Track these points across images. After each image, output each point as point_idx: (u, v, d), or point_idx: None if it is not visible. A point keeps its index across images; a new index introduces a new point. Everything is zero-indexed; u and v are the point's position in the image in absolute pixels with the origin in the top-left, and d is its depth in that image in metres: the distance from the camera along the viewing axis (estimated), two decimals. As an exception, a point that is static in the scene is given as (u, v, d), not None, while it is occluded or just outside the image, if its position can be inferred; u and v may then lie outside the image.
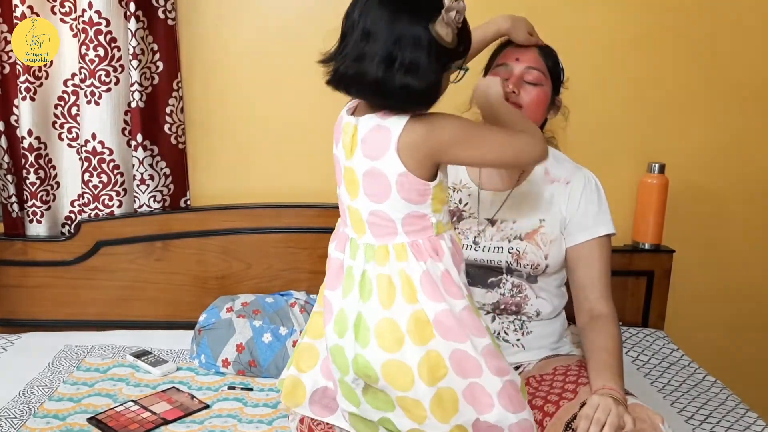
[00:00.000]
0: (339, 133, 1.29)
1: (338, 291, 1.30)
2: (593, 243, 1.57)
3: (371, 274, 1.24)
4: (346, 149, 1.25)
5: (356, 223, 1.27)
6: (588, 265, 1.56)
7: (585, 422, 1.28)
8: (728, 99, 2.29)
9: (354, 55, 1.16)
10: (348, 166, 1.25)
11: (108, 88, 2.08)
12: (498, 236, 1.60)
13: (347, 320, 1.27)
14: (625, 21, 2.22)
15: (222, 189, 2.27)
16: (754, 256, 2.39)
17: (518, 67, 1.58)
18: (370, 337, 1.23)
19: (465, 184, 1.68)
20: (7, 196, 2.15)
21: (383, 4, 1.15)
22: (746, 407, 1.78)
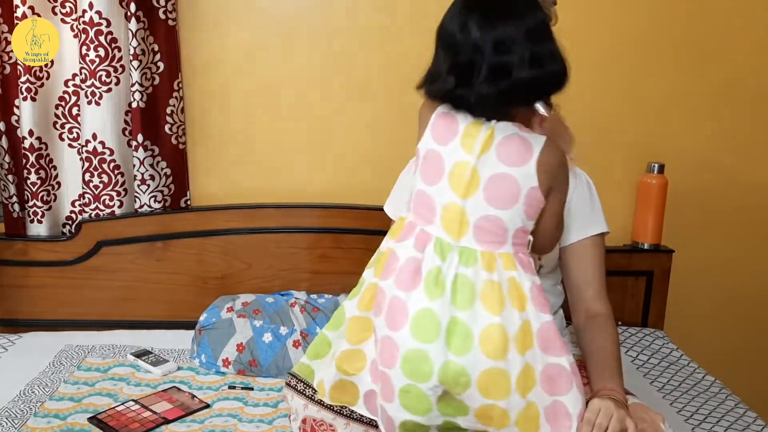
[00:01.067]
0: (448, 128, 1.22)
1: (416, 292, 1.20)
2: (587, 242, 1.57)
3: (474, 279, 1.18)
4: (469, 147, 1.20)
5: (453, 223, 1.21)
6: (583, 264, 1.56)
7: (587, 427, 1.27)
8: (728, 99, 2.29)
9: (496, 70, 1.17)
10: (468, 162, 1.19)
11: (109, 89, 2.08)
12: None
13: (437, 324, 1.18)
14: (625, 21, 2.23)
15: (222, 189, 2.27)
16: (753, 255, 2.39)
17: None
18: (472, 344, 1.17)
19: None
20: (8, 196, 2.16)
21: (490, 11, 1.19)
22: (745, 407, 1.78)
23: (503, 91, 1.17)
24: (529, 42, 1.17)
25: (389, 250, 1.27)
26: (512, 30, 1.16)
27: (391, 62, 2.23)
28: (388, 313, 1.22)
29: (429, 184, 1.23)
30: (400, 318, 1.20)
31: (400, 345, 1.20)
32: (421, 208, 1.25)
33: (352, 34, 2.22)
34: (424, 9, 2.20)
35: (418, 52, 2.21)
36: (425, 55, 2.19)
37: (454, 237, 1.20)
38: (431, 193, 1.23)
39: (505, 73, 1.16)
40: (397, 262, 1.23)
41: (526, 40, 1.16)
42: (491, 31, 1.16)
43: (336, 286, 2.18)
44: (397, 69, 2.22)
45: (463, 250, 1.20)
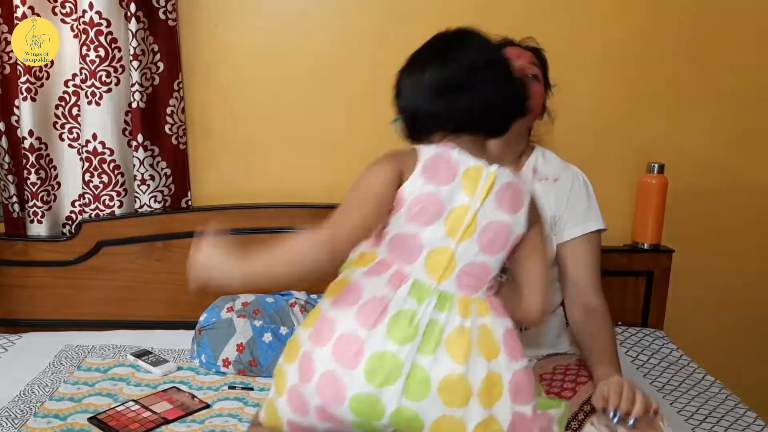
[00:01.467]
0: (445, 169, 1.18)
1: (377, 332, 1.12)
2: (584, 239, 1.59)
3: (444, 324, 1.13)
4: (471, 190, 1.17)
5: (438, 266, 1.15)
6: (580, 261, 1.58)
7: (615, 397, 1.29)
8: (728, 99, 2.29)
9: (488, 86, 1.21)
10: (469, 206, 1.16)
11: (109, 89, 2.08)
12: None
13: (398, 369, 1.11)
14: (625, 21, 2.23)
15: (222, 189, 2.27)
16: (753, 255, 2.39)
17: (520, 63, 1.61)
18: (429, 391, 1.12)
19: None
20: (8, 197, 2.16)
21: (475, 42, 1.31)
22: (745, 407, 1.78)
23: (502, 104, 1.22)
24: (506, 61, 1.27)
25: (352, 281, 1.18)
26: (493, 52, 1.28)
27: (392, 62, 2.22)
28: (337, 348, 1.13)
29: (421, 226, 1.16)
30: (353, 356, 1.12)
31: (350, 385, 1.12)
32: (402, 248, 1.17)
33: (353, 33, 2.22)
34: (425, 9, 2.21)
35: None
36: (425, 55, 2.20)
37: (437, 280, 1.15)
38: (420, 235, 1.16)
39: (498, 88, 1.22)
40: (360, 297, 1.15)
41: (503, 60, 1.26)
42: (468, 54, 1.27)
43: (336, 286, 2.18)
44: (397, 69, 2.22)
45: (441, 294, 1.15)
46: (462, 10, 2.20)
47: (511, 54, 1.62)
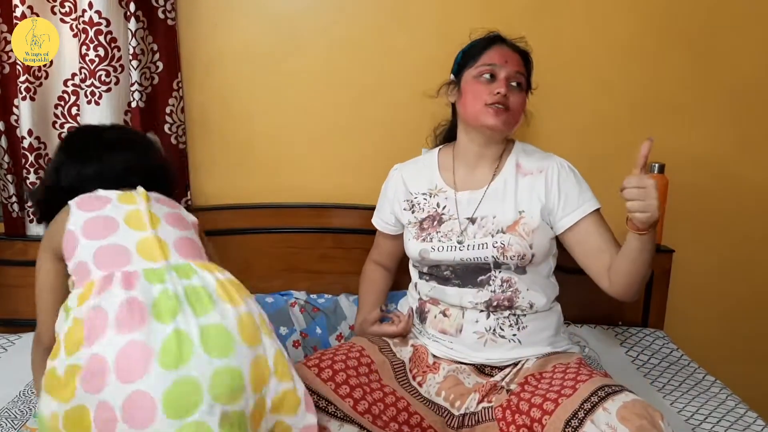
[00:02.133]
0: (99, 201, 1.40)
1: (150, 326, 1.16)
2: (587, 219, 1.60)
3: (204, 284, 1.26)
4: (132, 201, 1.41)
5: (153, 250, 1.30)
6: (591, 238, 1.59)
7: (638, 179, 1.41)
8: (728, 99, 2.29)
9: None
10: (138, 209, 1.39)
11: (108, 88, 2.07)
12: (480, 233, 1.61)
13: (189, 342, 1.16)
14: (625, 21, 2.22)
15: (222, 189, 2.27)
16: (754, 255, 2.39)
17: (507, 69, 1.60)
18: (233, 342, 1.20)
19: (440, 188, 1.71)
20: (8, 197, 2.15)
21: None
22: (746, 407, 1.78)
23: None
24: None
25: (82, 317, 1.19)
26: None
27: (392, 62, 2.23)
28: (120, 370, 1.14)
29: (106, 237, 1.31)
30: (141, 362, 1.14)
31: (154, 390, 1.13)
32: (110, 258, 1.28)
33: (352, 33, 2.21)
34: (425, 9, 2.20)
35: (418, 53, 2.23)
36: (426, 56, 2.20)
37: (161, 260, 1.28)
38: (116, 241, 1.31)
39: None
40: (107, 317, 1.17)
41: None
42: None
43: (336, 286, 2.18)
44: (397, 69, 2.22)
45: (176, 267, 1.28)
46: (461, 9, 2.20)
47: (497, 55, 1.62)
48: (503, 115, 1.59)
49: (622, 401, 1.34)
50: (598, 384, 1.40)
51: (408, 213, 1.74)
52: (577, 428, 1.34)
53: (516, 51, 1.66)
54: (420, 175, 1.76)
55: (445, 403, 1.56)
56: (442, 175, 1.73)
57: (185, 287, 1.24)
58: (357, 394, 1.48)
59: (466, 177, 1.69)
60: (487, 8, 2.20)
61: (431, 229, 1.67)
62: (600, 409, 1.34)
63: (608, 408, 1.33)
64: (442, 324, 1.64)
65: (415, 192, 1.74)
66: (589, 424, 1.33)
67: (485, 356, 1.61)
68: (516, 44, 1.68)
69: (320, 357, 1.54)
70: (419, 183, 1.75)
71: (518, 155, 1.69)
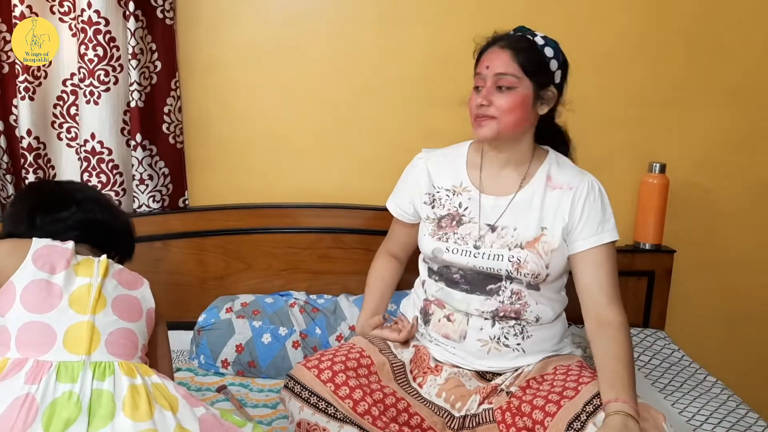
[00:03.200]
0: (52, 260, 1.27)
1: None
2: (598, 250, 1.53)
3: (114, 390, 1.14)
4: (87, 271, 1.29)
5: (80, 340, 1.19)
6: (594, 272, 1.53)
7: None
8: (728, 99, 2.28)
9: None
10: (90, 283, 1.27)
11: (107, 88, 2.07)
12: (498, 243, 1.56)
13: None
14: (625, 21, 2.22)
15: (221, 189, 2.26)
16: (754, 255, 2.38)
17: (489, 75, 1.54)
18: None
19: (465, 187, 1.64)
20: (6, 196, 2.15)
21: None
22: (747, 408, 1.77)
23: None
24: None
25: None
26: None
27: (392, 62, 2.22)
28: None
29: (40, 313, 1.20)
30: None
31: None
32: (33, 339, 1.18)
33: (351, 34, 2.21)
34: (425, 10, 2.20)
35: (419, 53, 2.22)
36: (426, 56, 2.19)
37: (84, 353, 1.17)
38: (47, 321, 1.19)
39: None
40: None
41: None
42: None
43: (336, 286, 2.17)
44: (398, 69, 2.21)
45: (97, 364, 1.17)
46: (461, 9, 2.20)
47: (484, 62, 1.56)
48: (488, 124, 1.54)
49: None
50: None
51: (428, 207, 1.66)
52: (580, 430, 1.33)
53: (507, 47, 1.54)
54: (447, 169, 1.67)
55: (446, 405, 1.56)
56: (469, 173, 1.65)
57: (93, 391, 1.13)
58: (357, 395, 1.47)
59: (492, 180, 1.63)
60: (487, 8, 2.20)
61: (449, 229, 1.61)
62: (602, 412, 1.33)
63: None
64: (445, 329, 1.62)
65: (439, 186, 1.66)
66: (591, 426, 1.33)
67: (488, 364, 1.59)
68: (509, 38, 1.57)
69: (320, 358, 1.54)
70: (444, 177, 1.67)
71: (550, 166, 1.61)
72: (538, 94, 1.55)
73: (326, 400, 1.46)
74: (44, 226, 1.36)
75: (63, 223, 1.37)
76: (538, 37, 1.56)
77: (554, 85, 1.57)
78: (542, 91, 1.55)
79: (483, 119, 1.54)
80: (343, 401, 1.46)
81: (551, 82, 1.56)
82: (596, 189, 1.58)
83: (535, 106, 1.56)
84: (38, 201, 1.42)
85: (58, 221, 1.37)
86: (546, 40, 1.57)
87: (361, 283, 2.19)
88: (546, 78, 1.55)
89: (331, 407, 1.45)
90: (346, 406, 1.45)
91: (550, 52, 1.55)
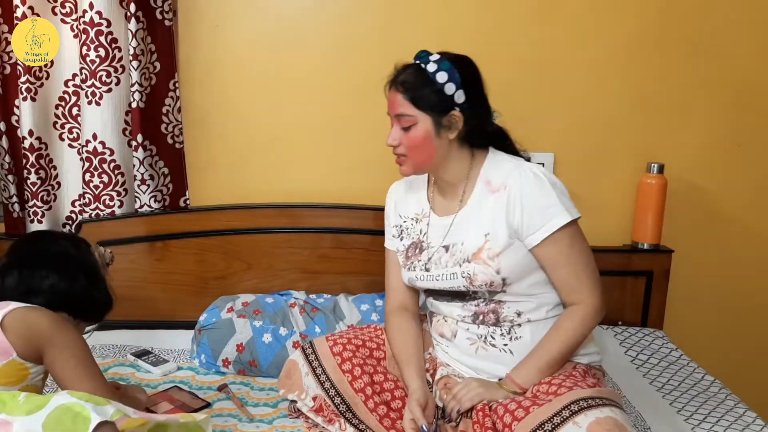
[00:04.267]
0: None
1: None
2: (552, 239, 1.48)
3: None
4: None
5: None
6: (554, 263, 1.51)
7: (447, 394, 1.49)
8: (728, 99, 2.29)
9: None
10: None
11: (109, 89, 2.08)
12: (451, 261, 1.57)
13: None
14: (624, 21, 2.22)
15: (222, 189, 2.27)
16: (752, 255, 2.39)
17: (392, 116, 1.55)
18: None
19: (426, 212, 1.65)
20: (8, 196, 2.16)
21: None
22: (745, 406, 1.78)
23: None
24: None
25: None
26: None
27: (391, 62, 2.22)
28: None
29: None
30: None
31: None
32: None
33: (351, 33, 2.22)
34: (426, 9, 2.21)
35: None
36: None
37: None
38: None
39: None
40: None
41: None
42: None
43: (336, 286, 2.18)
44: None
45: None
46: (460, 10, 2.20)
47: (388, 100, 1.56)
48: (404, 163, 1.56)
49: (596, 416, 1.32)
50: (573, 397, 1.37)
51: (397, 241, 1.69)
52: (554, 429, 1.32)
53: (398, 88, 1.53)
54: (411, 197, 1.70)
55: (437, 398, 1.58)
56: (428, 195, 1.67)
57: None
58: (357, 371, 1.60)
59: (441, 201, 1.64)
60: (488, 8, 2.21)
61: (414, 258, 1.64)
62: (570, 423, 1.32)
63: (579, 422, 1.31)
64: (441, 328, 1.65)
65: (405, 215, 1.69)
66: (571, 425, 1.31)
67: (478, 365, 1.57)
68: (401, 75, 1.54)
69: (341, 335, 1.69)
70: (409, 206, 1.69)
71: (488, 170, 1.56)
72: (439, 122, 1.51)
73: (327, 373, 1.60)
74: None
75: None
76: (431, 64, 1.50)
77: (458, 106, 1.50)
78: (443, 119, 1.51)
79: (399, 158, 1.57)
80: (344, 374, 1.58)
81: (451, 106, 1.50)
82: (530, 178, 1.50)
83: (440, 136, 1.52)
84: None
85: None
86: (440, 63, 1.50)
87: (362, 283, 2.20)
88: (443, 105, 1.50)
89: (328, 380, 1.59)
90: (345, 380, 1.58)
91: (443, 77, 1.49)
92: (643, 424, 1.68)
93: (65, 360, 1.36)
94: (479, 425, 1.44)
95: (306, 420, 1.63)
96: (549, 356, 1.49)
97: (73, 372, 1.36)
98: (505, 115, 2.30)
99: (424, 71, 1.50)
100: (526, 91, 2.24)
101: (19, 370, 1.35)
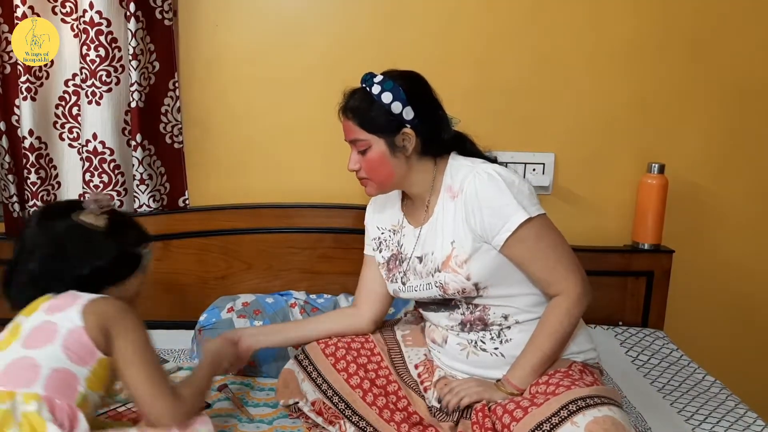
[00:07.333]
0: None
1: None
2: (516, 238, 1.46)
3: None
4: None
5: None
6: (524, 260, 1.49)
7: (445, 386, 1.50)
8: (728, 99, 2.29)
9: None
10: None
11: (109, 88, 2.08)
12: (425, 272, 1.57)
13: None
14: (625, 22, 2.23)
15: (222, 189, 2.27)
16: (753, 255, 2.39)
17: (349, 142, 1.56)
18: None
19: (402, 224, 1.66)
20: (8, 196, 2.16)
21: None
22: (746, 407, 1.78)
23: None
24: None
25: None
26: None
27: (390, 62, 2.21)
28: None
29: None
30: None
31: None
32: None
33: (351, 33, 2.22)
34: (425, 9, 2.21)
35: (418, 53, 2.23)
36: (427, 56, 2.20)
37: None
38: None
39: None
40: None
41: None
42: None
43: (335, 286, 2.18)
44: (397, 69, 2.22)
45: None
46: (460, 10, 2.20)
47: (343, 128, 1.57)
48: (368, 184, 1.57)
49: (593, 416, 1.32)
50: (571, 397, 1.36)
51: (378, 254, 1.70)
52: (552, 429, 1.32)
53: (347, 115, 1.54)
54: (387, 208, 1.70)
55: (433, 401, 1.57)
56: (402, 206, 1.67)
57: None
58: (352, 368, 1.61)
59: (412, 212, 1.64)
60: (489, 7, 2.21)
61: (395, 270, 1.64)
62: (568, 423, 1.32)
63: (577, 422, 1.31)
64: (432, 333, 1.65)
65: (382, 227, 1.70)
66: (569, 424, 1.31)
67: (471, 371, 1.57)
68: (348, 101, 1.55)
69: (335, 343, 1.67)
70: (385, 217, 1.70)
71: (448, 177, 1.55)
72: (392, 142, 1.51)
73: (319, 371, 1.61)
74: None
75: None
76: (375, 86, 1.50)
77: (408, 123, 1.50)
78: (396, 138, 1.51)
79: (362, 181, 1.58)
80: (339, 373, 1.60)
81: (402, 124, 1.50)
82: (484, 178, 1.48)
83: (395, 155, 1.52)
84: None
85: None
86: (383, 84, 1.50)
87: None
88: (393, 125, 1.50)
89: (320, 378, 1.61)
90: (341, 378, 1.59)
91: (388, 97, 1.49)
92: (643, 425, 1.68)
93: (125, 348, 1.31)
94: (478, 426, 1.44)
95: (306, 420, 1.63)
96: (540, 353, 1.48)
97: (132, 360, 1.31)
98: (507, 116, 2.31)
99: (370, 94, 1.51)
100: (526, 91, 2.24)
101: (104, 368, 1.31)
